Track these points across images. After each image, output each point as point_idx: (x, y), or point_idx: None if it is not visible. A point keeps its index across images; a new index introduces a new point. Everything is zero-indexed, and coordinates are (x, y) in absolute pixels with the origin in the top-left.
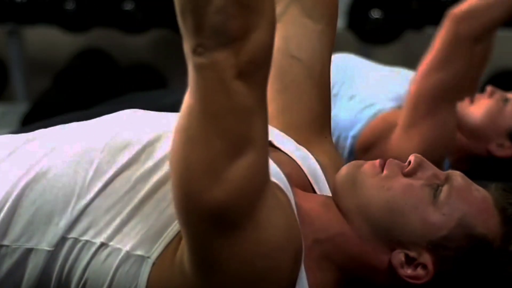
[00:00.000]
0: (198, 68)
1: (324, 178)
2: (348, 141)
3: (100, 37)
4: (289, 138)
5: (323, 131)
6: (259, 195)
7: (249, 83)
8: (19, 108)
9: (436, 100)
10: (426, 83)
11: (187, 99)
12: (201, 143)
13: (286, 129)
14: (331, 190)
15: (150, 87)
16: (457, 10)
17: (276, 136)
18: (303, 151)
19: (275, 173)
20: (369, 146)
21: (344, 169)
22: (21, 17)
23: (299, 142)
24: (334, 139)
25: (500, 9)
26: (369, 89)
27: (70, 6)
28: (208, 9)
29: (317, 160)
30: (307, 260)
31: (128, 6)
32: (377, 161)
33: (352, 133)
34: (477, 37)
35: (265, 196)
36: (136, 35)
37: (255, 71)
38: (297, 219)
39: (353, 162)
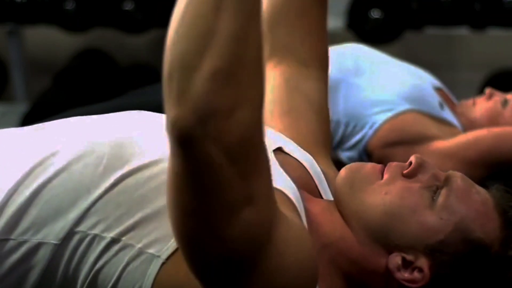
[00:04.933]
0: (181, 144)
1: (327, 184)
2: (363, 131)
3: (100, 37)
4: (295, 144)
5: (326, 152)
6: (265, 241)
7: (238, 164)
8: (19, 108)
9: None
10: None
11: (172, 168)
12: (196, 216)
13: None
14: (333, 196)
15: None
16: None
17: (284, 142)
18: (308, 156)
19: (285, 182)
20: (395, 142)
21: (343, 173)
22: (21, 17)
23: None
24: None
25: None
26: (383, 91)
27: (70, 6)
28: (196, 74)
29: (320, 168)
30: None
31: (128, 6)
32: (378, 166)
33: (369, 124)
34: None
35: (273, 238)
36: (136, 35)
37: (243, 152)
38: (309, 232)
39: (350, 166)
